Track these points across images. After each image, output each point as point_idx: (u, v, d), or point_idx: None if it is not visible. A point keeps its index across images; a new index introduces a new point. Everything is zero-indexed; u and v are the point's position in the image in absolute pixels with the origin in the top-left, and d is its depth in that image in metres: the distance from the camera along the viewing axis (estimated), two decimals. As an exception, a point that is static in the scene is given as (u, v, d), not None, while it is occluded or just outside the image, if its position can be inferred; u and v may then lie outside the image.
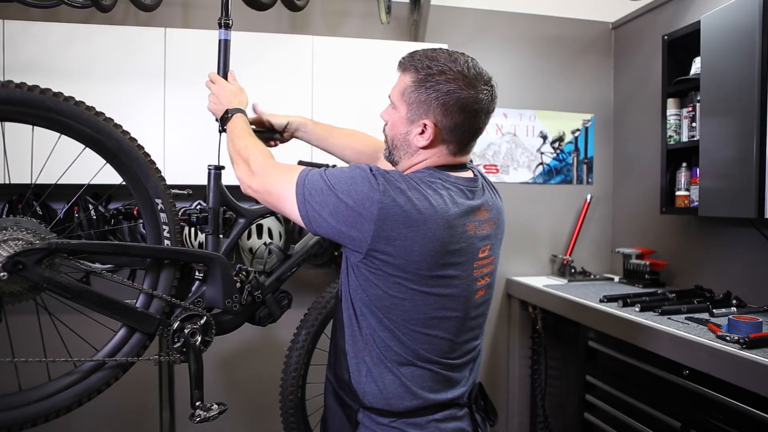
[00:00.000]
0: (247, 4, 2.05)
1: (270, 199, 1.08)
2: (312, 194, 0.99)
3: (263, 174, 1.10)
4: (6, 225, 1.02)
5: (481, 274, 1.07)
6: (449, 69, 1.02)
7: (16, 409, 1.03)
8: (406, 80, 1.07)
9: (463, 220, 1.01)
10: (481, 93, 1.02)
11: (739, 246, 2.20)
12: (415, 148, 1.07)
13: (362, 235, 0.96)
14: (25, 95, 1.01)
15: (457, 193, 1.03)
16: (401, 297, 1.00)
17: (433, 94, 1.02)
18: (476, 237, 1.04)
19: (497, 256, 1.14)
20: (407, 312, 1.01)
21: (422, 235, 0.96)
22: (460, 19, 2.83)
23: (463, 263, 1.03)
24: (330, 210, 0.98)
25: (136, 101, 2.19)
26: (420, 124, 1.04)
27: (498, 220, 1.12)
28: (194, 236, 2.18)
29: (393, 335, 1.03)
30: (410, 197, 0.96)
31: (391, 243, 0.96)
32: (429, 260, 0.98)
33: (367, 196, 0.95)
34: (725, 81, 1.92)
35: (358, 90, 2.40)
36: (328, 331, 1.66)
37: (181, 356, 1.23)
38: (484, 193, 1.10)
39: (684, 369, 1.72)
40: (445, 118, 1.02)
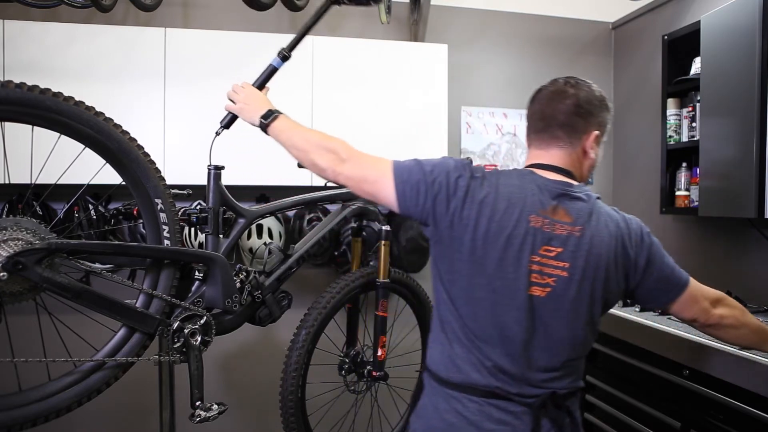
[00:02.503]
0: (247, 4, 2.05)
1: (363, 184, 1.15)
2: (411, 175, 1.11)
3: (357, 160, 1.17)
4: (6, 225, 1.02)
5: (539, 271, 1.07)
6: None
7: (16, 409, 1.03)
8: None
9: (527, 210, 1.09)
10: (537, 93, 1.23)
11: (739, 246, 2.20)
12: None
13: (448, 211, 1.10)
14: (25, 95, 1.01)
15: (531, 186, 1.12)
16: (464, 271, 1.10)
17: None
18: (540, 231, 1.08)
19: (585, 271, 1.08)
20: (466, 287, 1.10)
21: (489, 216, 1.08)
22: (460, 19, 2.83)
23: (521, 250, 1.07)
24: (424, 189, 1.10)
25: (136, 101, 2.19)
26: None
27: (583, 233, 1.10)
28: (194, 236, 2.18)
29: (453, 310, 1.13)
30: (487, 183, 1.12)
31: (467, 221, 1.09)
32: (491, 239, 1.08)
33: (452, 183, 1.10)
34: (725, 81, 1.92)
35: (358, 90, 2.40)
36: (329, 331, 1.67)
37: (181, 356, 1.23)
38: (574, 203, 1.12)
39: (684, 369, 1.72)
40: (528, 111, 1.24)
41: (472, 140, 2.83)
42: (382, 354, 1.68)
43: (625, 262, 1.15)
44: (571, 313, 1.10)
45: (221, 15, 2.56)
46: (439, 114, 2.49)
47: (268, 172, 2.31)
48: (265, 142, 2.47)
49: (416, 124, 2.43)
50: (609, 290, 1.13)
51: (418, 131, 2.43)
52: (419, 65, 2.49)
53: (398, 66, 2.46)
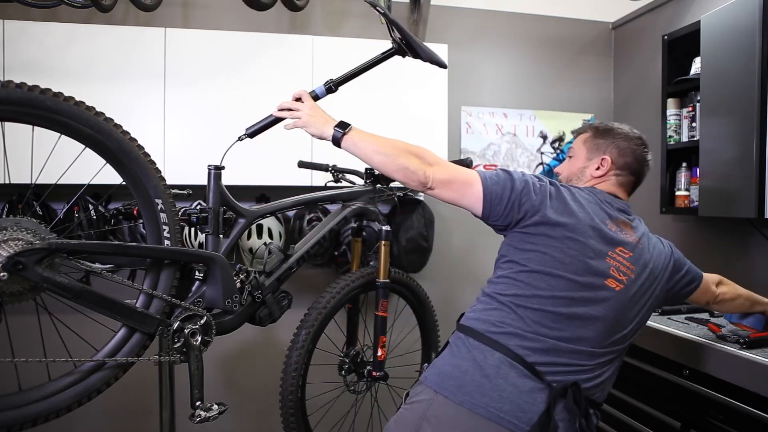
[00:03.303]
0: (247, 4, 2.05)
1: (452, 186, 1.24)
2: (497, 181, 1.23)
3: (445, 164, 1.28)
4: (6, 225, 1.01)
5: (616, 267, 1.21)
6: (620, 128, 1.38)
7: (16, 409, 1.03)
8: (585, 135, 1.41)
9: (604, 215, 1.25)
10: (645, 147, 1.38)
11: (739, 246, 2.20)
12: (588, 176, 1.37)
13: (535, 207, 1.20)
14: (25, 95, 1.01)
15: (600, 200, 1.28)
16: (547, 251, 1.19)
17: (610, 140, 1.36)
18: (616, 234, 1.24)
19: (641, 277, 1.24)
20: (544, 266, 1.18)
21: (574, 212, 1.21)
22: (460, 19, 2.83)
23: (601, 243, 1.21)
24: (510, 191, 1.21)
25: (136, 101, 2.19)
26: (598, 160, 1.36)
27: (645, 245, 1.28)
28: (194, 236, 2.18)
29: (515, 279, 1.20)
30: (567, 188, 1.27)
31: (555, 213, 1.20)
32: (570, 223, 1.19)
33: (538, 183, 1.24)
34: (725, 81, 1.92)
35: (358, 90, 2.39)
36: (329, 331, 1.67)
37: (181, 356, 1.23)
38: (634, 221, 1.32)
39: (684, 369, 1.72)
40: (620, 158, 1.35)
41: (472, 140, 2.83)
42: (382, 354, 1.68)
43: (670, 276, 1.33)
44: (628, 312, 1.22)
45: (221, 15, 2.56)
46: (439, 114, 2.49)
47: (268, 172, 2.31)
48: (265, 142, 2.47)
49: (416, 124, 2.43)
50: (656, 299, 1.30)
51: (418, 131, 2.43)
52: (419, 65, 2.47)
53: (398, 66, 2.45)
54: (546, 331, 1.15)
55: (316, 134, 1.33)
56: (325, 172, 1.89)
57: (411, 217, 2.54)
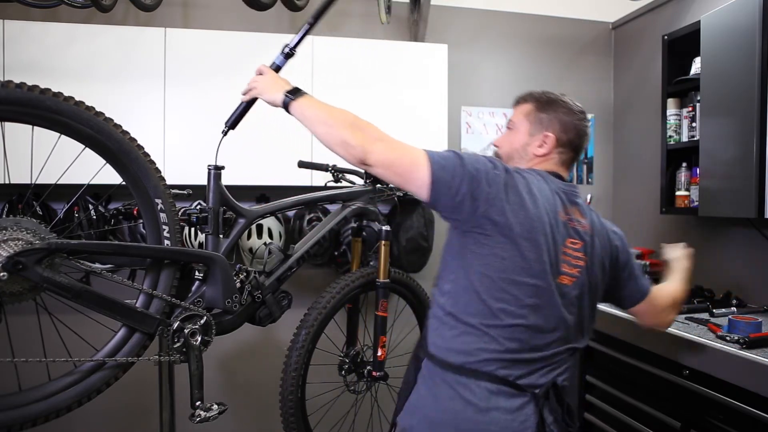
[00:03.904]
0: (247, 4, 2.05)
1: (397, 167, 1.13)
2: (446, 164, 1.11)
3: (388, 143, 1.15)
4: (6, 225, 1.02)
5: (567, 261, 1.16)
6: (563, 101, 1.30)
7: (16, 409, 1.03)
8: (527, 107, 1.31)
9: (556, 205, 1.18)
10: (584, 119, 1.30)
11: (739, 246, 2.20)
12: (531, 155, 1.28)
13: (486, 199, 1.11)
14: (25, 95, 1.01)
15: (551, 185, 1.20)
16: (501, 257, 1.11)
17: (552, 114, 1.27)
18: (566, 225, 1.18)
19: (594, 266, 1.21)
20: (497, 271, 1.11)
21: (528, 205, 1.12)
22: (460, 19, 2.83)
23: (553, 238, 1.14)
24: (459, 179, 1.10)
25: (136, 101, 2.19)
26: (541, 137, 1.26)
27: (594, 230, 1.23)
28: (194, 236, 2.18)
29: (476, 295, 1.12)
30: (521, 176, 1.17)
31: (507, 208, 1.11)
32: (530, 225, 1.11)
33: (492, 170, 1.13)
34: (725, 81, 1.92)
35: (358, 90, 2.40)
36: (328, 331, 1.67)
37: (181, 356, 1.23)
38: (582, 205, 1.26)
39: (684, 369, 1.72)
40: (563, 134, 1.26)
41: (471, 140, 2.83)
42: (382, 354, 1.68)
43: (616, 263, 1.29)
44: (583, 303, 1.20)
45: (221, 15, 2.56)
46: (439, 114, 2.49)
47: (268, 172, 2.31)
48: (266, 142, 2.47)
49: (416, 123, 2.43)
50: (604, 286, 1.28)
51: (418, 131, 2.43)
52: (419, 65, 2.49)
53: (398, 66, 2.46)
54: (520, 345, 1.12)
55: (270, 101, 1.28)
56: (325, 172, 1.89)
57: (411, 217, 2.54)
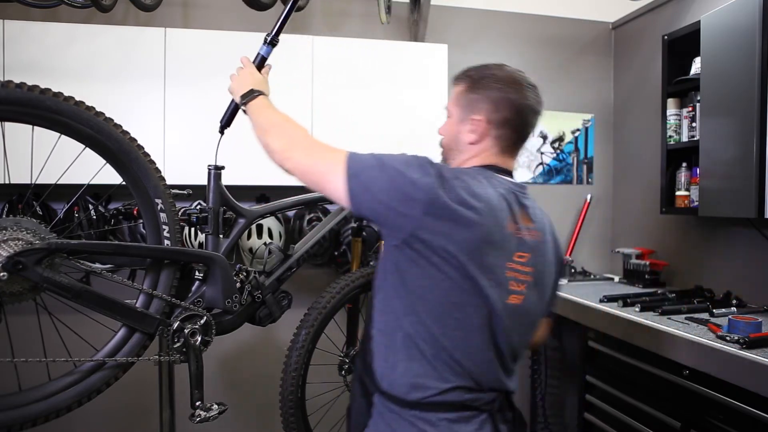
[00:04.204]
0: (247, 4, 2.05)
1: (310, 174, 1.06)
2: (363, 171, 1.00)
3: (309, 149, 1.08)
4: (6, 225, 1.01)
5: (515, 278, 1.05)
6: (497, 74, 1.11)
7: (16, 409, 1.03)
8: (459, 88, 1.16)
9: (503, 214, 1.03)
10: (527, 92, 1.10)
11: (739, 246, 2.20)
12: (464, 145, 1.13)
13: (409, 215, 0.97)
14: (25, 95, 1.01)
15: (499, 189, 1.05)
16: (438, 281, 1.00)
17: (483, 92, 1.10)
18: (513, 237, 1.04)
19: (543, 274, 1.11)
20: (441, 298, 1.01)
21: (466, 220, 0.97)
22: (460, 19, 2.83)
23: (498, 257, 1.02)
24: (380, 187, 0.98)
25: (136, 101, 2.19)
26: (470, 122, 1.11)
27: (544, 235, 1.12)
28: (194, 236, 2.18)
29: (421, 322, 1.02)
30: (458, 184, 1.00)
31: (437, 225, 0.97)
32: (469, 245, 0.98)
33: (418, 179, 0.97)
34: (725, 81, 1.92)
35: (358, 90, 2.40)
36: (329, 330, 1.67)
37: (181, 356, 1.23)
38: (532, 204, 1.13)
39: (684, 369, 1.72)
40: (494, 114, 1.09)
41: (472, 140, 2.83)
42: (382, 354, 1.67)
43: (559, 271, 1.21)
44: (532, 316, 1.13)
45: (221, 15, 2.56)
46: (439, 114, 2.48)
47: (268, 172, 2.27)
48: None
49: (416, 123, 2.43)
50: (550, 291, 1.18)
51: (418, 131, 2.43)
52: (419, 65, 2.49)
53: (398, 66, 2.46)
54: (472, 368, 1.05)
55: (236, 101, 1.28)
56: (325, 172, 1.89)
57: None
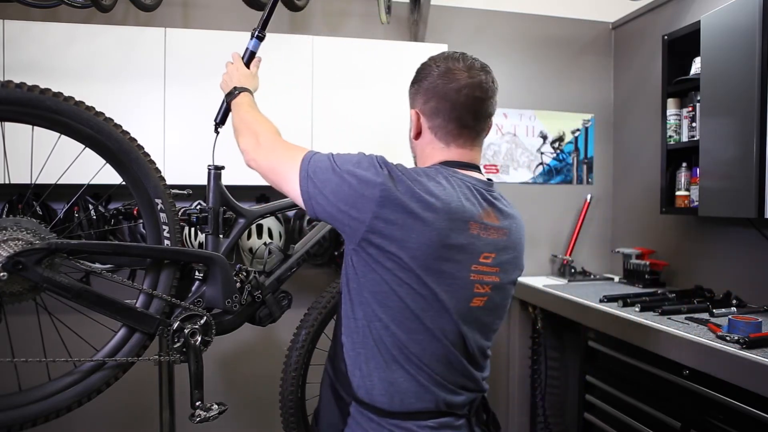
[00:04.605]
0: (247, 4, 2.05)
1: (272, 175, 1.08)
2: (316, 172, 0.99)
3: (271, 149, 1.09)
4: (6, 225, 1.01)
5: (480, 281, 1.02)
6: (429, 65, 1.08)
7: (16, 409, 1.03)
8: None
9: (466, 215, 0.98)
10: (458, 74, 1.03)
11: (739, 246, 2.20)
12: (412, 143, 1.12)
13: (361, 217, 0.95)
14: (25, 95, 1.01)
15: (462, 188, 1.01)
16: (395, 287, 0.97)
17: (418, 85, 1.08)
18: (479, 238, 1.00)
19: (507, 271, 1.07)
20: (400, 303, 0.98)
21: (421, 223, 0.94)
22: (460, 19, 2.83)
23: (460, 261, 0.99)
24: (332, 188, 0.97)
25: (136, 101, 2.19)
26: (409, 120, 1.10)
27: (510, 233, 1.07)
28: (194, 236, 2.18)
29: (386, 328, 1.00)
30: (412, 185, 0.96)
31: (389, 228, 0.94)
32: (425, 250, 0.95)
33: (370, 179, 0.95)
34: (725, 81, 1.92)
35: (358, 90, 2.40)
36: (328, 330, 1.67)
37: (181, 356, 1.23)
38: (498, 201, 1.07)
39: (684, 369, 1.72)
40: (425, 105, 1.06)
41: (472, 140, 2.83)
42: (382, 354, 1.67)
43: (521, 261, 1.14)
44: (498, 316, 1.10)
45: (221, 15, 2.56)
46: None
47: (268, 172, 2.31)
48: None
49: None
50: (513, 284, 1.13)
51: (418, 131, 2.43)
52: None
53: (398, 66, 2.46)
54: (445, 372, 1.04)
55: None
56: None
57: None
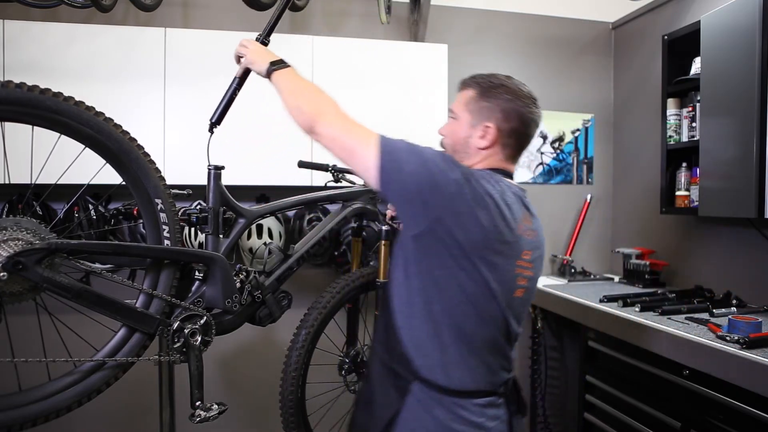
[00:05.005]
0: (247, 4, 2.05)
1: (342, 141, 1.10)
2: (396, 152, 1.06)
3: (342, 121, 1.11)
4: (6, 225, 1.01)
5: (521, 275, 1.14)
6: (507, 85, 1.20)
7: (16, 409, 1.03)
8: (468, 93, 1.22)
9: (514, 216, 1.11)
10: (533, 107, 1.20)
11: (739, 246, 2.20)
12: (474, 149, 1.20)
13: (433, 204, 1.04)
14: (25, 95, 1.01)
15: (508, 193, 1.13)
16: (455, 272, 1.07)
17: (494, 102, 1.18)
18: (521, 238, 1.13)
19: (537, 268, 1.20)
20: (458, 289, 1.08)
21: (483, 217, 1.05)
22: (460, 19, 2.83)
23: (508, 256, 1.11)
24: (412, 170, 1.04)
25: (136, 101, 2.19)
26: (482, 128, 1.18)
27: (539, 234, 1.20)
28: (194, 236, 2.18)
29: (444, 312, 1.10)
30: (477, 184, 1.07)
31: (455, 219, 1.04)
32: (483, 242, 1.06)
33: (446, 172, 1.05)
34: (725, 81, 1.92)
35: (358, 90, 2.40)
36: (328, 330, 1.67)
37: (181, 356, 1.23)
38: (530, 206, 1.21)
39: (684, 369, 1.72)
40: (505, 123, 1.18)
41: (472, 140, 2.83)
42: (382, 354, 1.68)
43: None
44: (528, 306, 1.26)
45: (221, 15, 2.56)
46: (439, 114, 2.49)
47: (268, 172, 2.31)
48: (266, 142, 2.46)
49: (416, 124, 2.43)
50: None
51: (418, 131, 2.42)
52: (419, 65, 2.49)
53: (398, 66, 2.46)
54: (493, 357, 1.16)
55: (258, 71, 1.27)
56: (325, 172, 1.89)
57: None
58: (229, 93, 1.36)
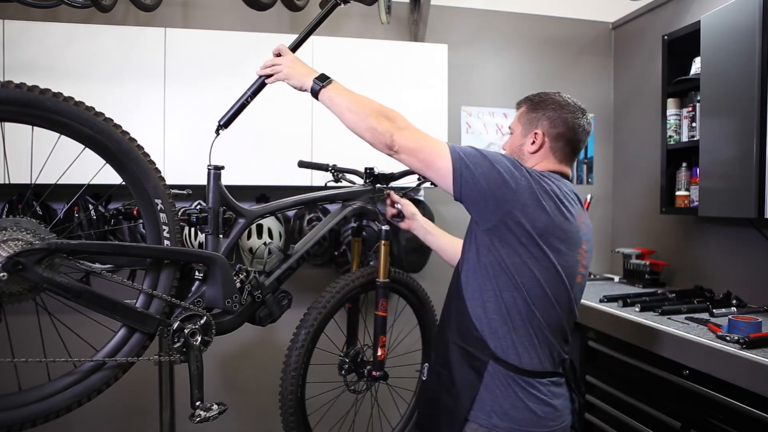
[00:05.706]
0: (247, 4, 2.05)
1: (420, 152, 1.21)
2: (468, 156, 1.19)
3: (414, 131, 1.24)
4: (6, 225, 1.01)
5: (581, 262, 1.28)
6: (554, 98, 1.34)
7: (16, 409, 1.03)
8: (520, 110, 1.39)
9: (572, 210, 1.24)
10: (578, 114, 1.33)
11: (739, 246, 2.20)
12: (527, 154, 1.33)
13: (505, 199, 1.16)
14: (24, 95, 1.01)
15: (566, 191, 1.26)
16: (526, 259, 1.19)
17: (541, 112, 1.33)
18: (581, 229, 1.26)
19: (589, 258, 1.33)
20: (530, 274, 1.19)
21: (549, 207, 1.18)
22: (460, 19, 2.83)
23: (572, 243, 1.24)
24: (482, 172, 1.17)
25: (136, 101, 2.19)
26: (531, 135, 1.33)
27: (590, 228, 1.34)
28: (194, 236, 2.18)
29: (516, 297, 1.20)
30: (540, 182, 1.20)
31: (524, 211, 1.17)
32: (549, 230, 1.19)
33: (513, 171, 1.19)
34: (725, 81, 1.92)
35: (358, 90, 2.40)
36: (328, 330, 1.67)
37: (181, 356, 1.23)
38: (582, 204, 1.34)
39: (684, 369, 1.72)
40: (551, 129, 1.31)
41: (472, 140, 2.83)
42: (382, 354, 1.68)
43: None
44: (582, 293, 1.36)
45: (221, 15, 2.56)
46: (439, 114, 2.49)
47: (268, 172, 2.31)
48: (266, 142, 2.46)
49: (416, 123, 2.43)
50: None
51: (418, 131, 2.43)
52: (419, 65, 2.49)
53: (398, 66, 2.46)
54: (559, 340, 1.28)
55: (297, 86, 1.31)
56: (325, 171, 1.89)
57: (411, 217, 2.54)
58: (242, 100, 1.37)
